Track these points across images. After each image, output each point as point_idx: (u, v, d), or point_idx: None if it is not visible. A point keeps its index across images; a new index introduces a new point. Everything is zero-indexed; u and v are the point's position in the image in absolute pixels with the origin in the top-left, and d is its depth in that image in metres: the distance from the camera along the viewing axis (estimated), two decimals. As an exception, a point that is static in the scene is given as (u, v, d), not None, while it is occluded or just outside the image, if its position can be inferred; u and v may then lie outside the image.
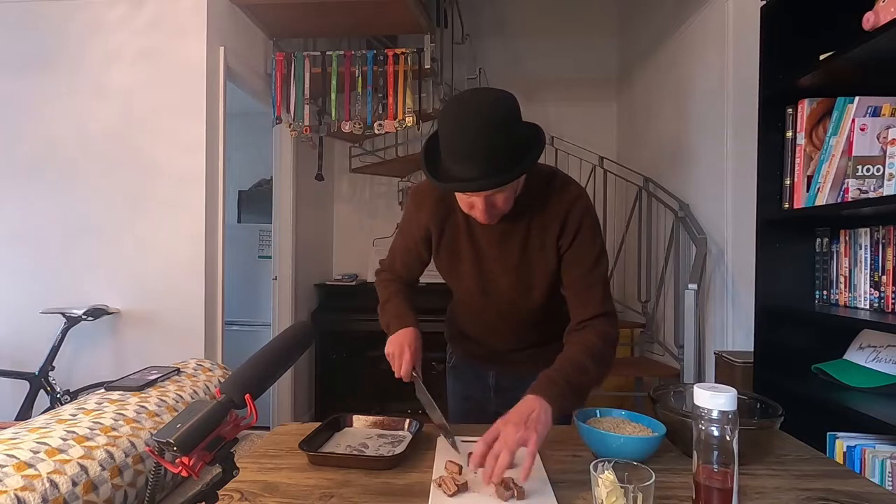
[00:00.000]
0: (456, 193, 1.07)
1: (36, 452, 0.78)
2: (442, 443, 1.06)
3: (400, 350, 1.12)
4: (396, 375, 1.12)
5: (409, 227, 1.24)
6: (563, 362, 1.03)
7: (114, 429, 0.92)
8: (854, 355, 1.51)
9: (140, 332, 2.46)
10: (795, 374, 1.59)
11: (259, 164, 4.54)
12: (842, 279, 1.58)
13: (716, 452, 0.70)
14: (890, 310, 1.43)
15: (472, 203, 1.04)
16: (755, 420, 1.01)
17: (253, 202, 4.77)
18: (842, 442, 1.34)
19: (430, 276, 1.32)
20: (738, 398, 0.73)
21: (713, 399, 0.70)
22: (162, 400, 1.08)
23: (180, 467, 0.60)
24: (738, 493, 0.72)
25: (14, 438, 0.82)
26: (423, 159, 1.03)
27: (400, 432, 1.13)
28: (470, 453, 0.88)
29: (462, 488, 0.85)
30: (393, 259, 1.31)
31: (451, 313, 1.39)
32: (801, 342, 1.64)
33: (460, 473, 0.91)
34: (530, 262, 1.15)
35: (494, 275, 1.19)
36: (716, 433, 0.70)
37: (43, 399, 2.30)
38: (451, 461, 0.94)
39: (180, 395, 1.13)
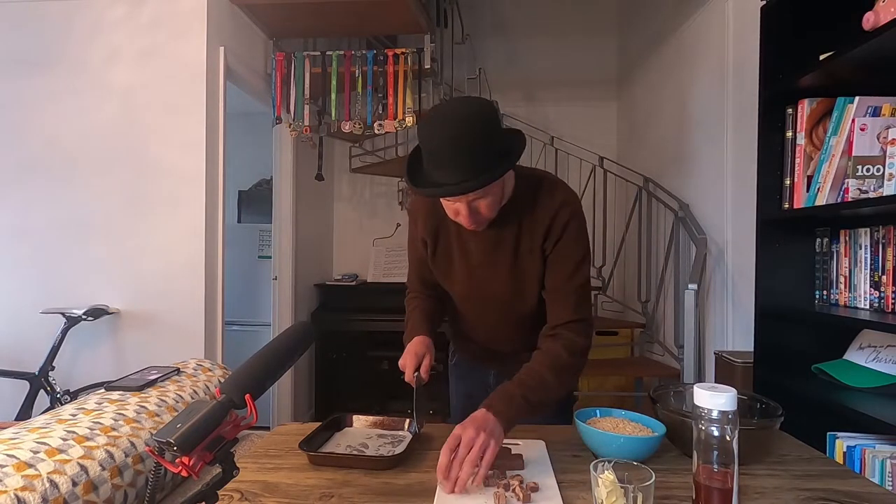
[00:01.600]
0: (443, 202, 1.09)
1: (36, 452, 0.78)
2: None
3: (404, 359, 1.16)
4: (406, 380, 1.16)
5: (413, 242, 1.30)
6: (526, 377, 1.04)
7: (114, 429, 0.92)
8: (854, 355, 1.51)
9: (140, 332, 2.46)
10: (795, 374, 1.59)
11: (259, 164, 4.54)
12: (842, 279, 1.58)
13: (716, 452, 0.70)
14: (890, 310, 1.43)
15: (456, 210, 1.06)
16: (755, 420, 1.01)
17: (253, 202, 4.77)
18: (842, 442, 1.34)
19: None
20: (738, 398, 0.73)
21: (713, 399, 0.70)
22: (162, 400, 1.08)
23: (180, 467, 0.60)
24: (738, 493, 0.72)
25: (14, 438, 0.82)
26: (405, 169, 1.06)
27: (400, 432, 1.13)
28: None
29: None
30: (410, 276, 1.37)
31: (451, 315, 1.39)
32: (801, 342, 1.64)
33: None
34: (522, 266, 1.16)
35: (486, 280, 1.20)
36: (716, 433, 0.70)
37: (43, 399, 2.30)
38: None
39: (180, 395, 1.13)
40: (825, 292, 1.64)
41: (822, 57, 1.45)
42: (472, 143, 0.95)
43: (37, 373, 2.31)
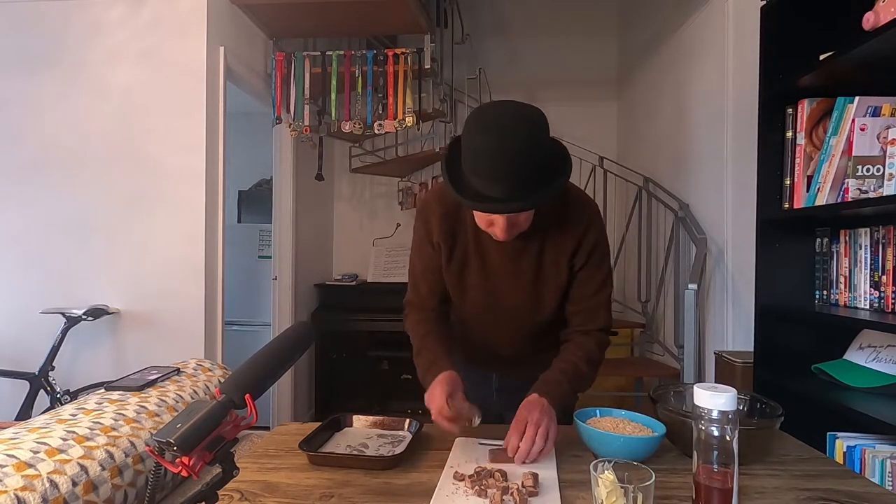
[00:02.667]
0: (475, 212, 1.05)
1: (36, 452, 0.78)
2: (459, 443, 1.06)
3: (436, 409, 1.01)
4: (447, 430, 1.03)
5: (422, 247, 1.21)
6: (565, 366, 1.11)
7: (114, 429, 0.92)
8: (854, 355, 1.51)
9: (140, 332, 2.46)
10: (795, 374, 1.59)
11: (259, 164, 4.54)
12: (842, 279, 1.58)
13: (716, 452, 0.70)
14: (890, 310, 1.43)
15: (491, 220, 1.02)
16: (755, 420, 1.01)
17: (253, 202, 4.77)
18: (842, 442, 1.35)
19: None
20: (738, 398, 0.73)
21: (713, 399, 0.70)
22: (162, 400, 1.08)
23: (180, 467, 0.60)
24: (738, 493, 0.72)
25: (14, 438, 0.82)
26: (445, 174, 1.00)
27: (400, 432, 1.13)
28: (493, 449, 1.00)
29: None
30: (416, 288, 1.25)
31: (456, 319, 1.37)
32: (801, 342, 1.64)
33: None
34: (544, 278, 1.16)
35: (505, 292, 1.18)
36: (716, 433, 0.70)
37: (43, 399, 2.30)
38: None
39: (180, 395, 1.13)
40: (825, 292, 1.64)
41: (822, 57, 1.45)
42: (525, 160, 0.90)
43: (37, 373, 2.31)
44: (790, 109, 1.60)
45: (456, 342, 1.40)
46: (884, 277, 1.45)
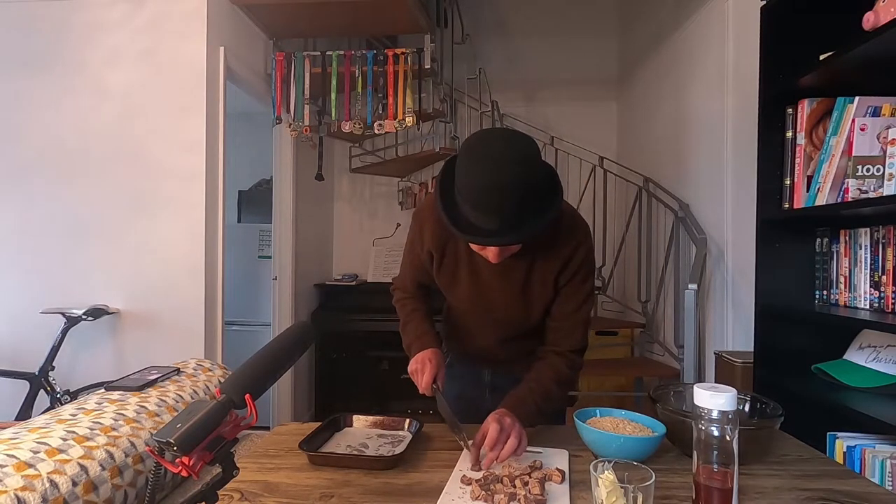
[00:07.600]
0: None
1: (36, 452, 0.78)
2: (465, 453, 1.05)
3: (421, 366, 1.13)
4: (420, 391, 1.13)
5: (413, 247, 1.26)
6: (535, 385, 1.12)
7: (114, 429, 0.92)
8: (854, 355, 1.51)
9: (140, 332, 2.46)
10: (795, 374, 1.59)
11: (259, 164, 4.54)
12: (842, 279, 1.58)
13: (716, 452, 0.70)
14: (890, 310, 1.43)
15: (483, 246, 1.03)
16: (755, 420, 1.01)
17: (253, 202, 4.76)
18: (842, 442, 1.34)
19: None
20: (738, 398, 0.73)
21: (713, 399, 0.70)
22: (162, 400, 1.08)
23: (180, 467, 0.60)
24: (738, 493, 0.72)
25: (14, 438, 0.82)
26: (439, 201, 1.00)
27: (400, 432, 1.13)
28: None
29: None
30: (403, 277, 1.33)
31: (448, 317, 1.39)
32: (801, 342, 1.64)
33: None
34: (531, 293, 1.18)
35: (493, 302, 1.21)
36: (716, 433, 0.70)
37: (43, 399, 2.30)
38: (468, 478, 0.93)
39: (180, 395, 1.13)
40: (825, 292, 1.64)
41: (822, 57, 1.45)
42: (516, 193, 0.91)
43: (37, 373, 2.31)
44: (790, 109, 1.60)
45: (448, 339, 1.42)
46: (884, 277, 1.45)
